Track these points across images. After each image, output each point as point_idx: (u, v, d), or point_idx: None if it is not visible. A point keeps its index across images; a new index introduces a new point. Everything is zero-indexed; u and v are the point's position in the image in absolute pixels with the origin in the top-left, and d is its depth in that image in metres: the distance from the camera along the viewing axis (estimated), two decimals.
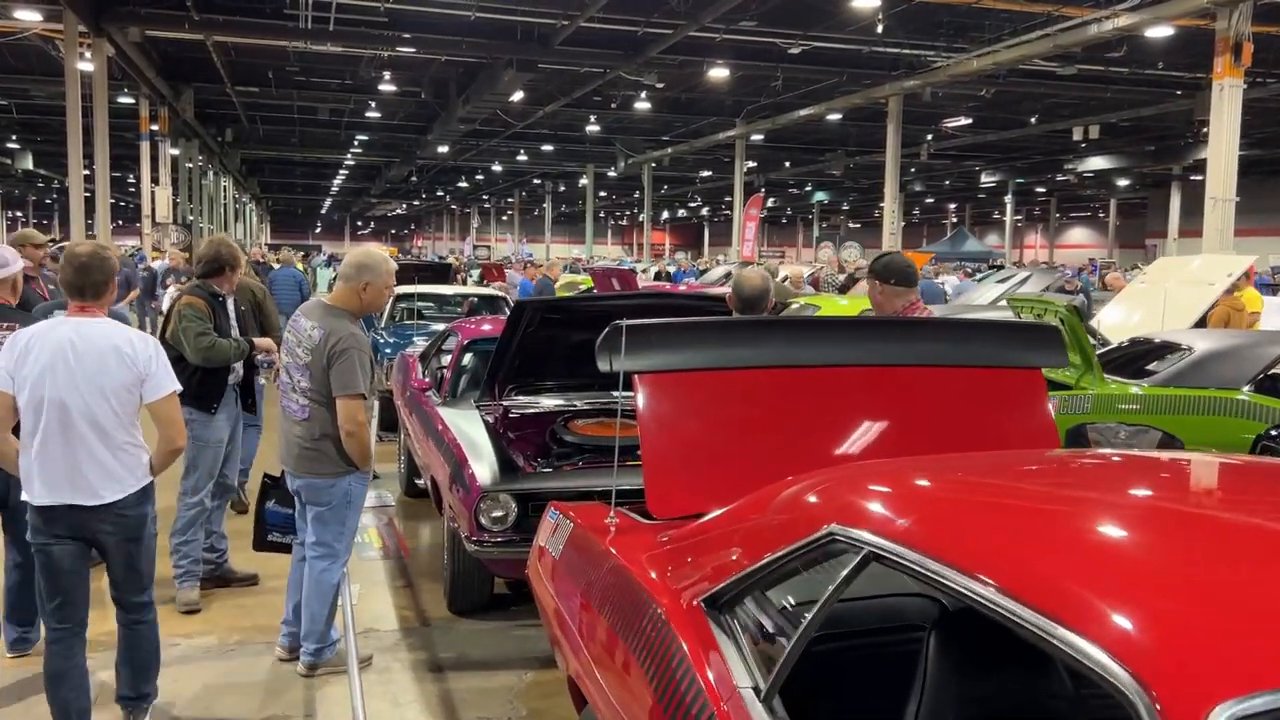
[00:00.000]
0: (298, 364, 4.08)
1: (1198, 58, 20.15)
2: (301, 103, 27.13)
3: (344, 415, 3.97)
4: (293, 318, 4.24)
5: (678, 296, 5.80)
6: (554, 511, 3.18)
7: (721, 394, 2.83)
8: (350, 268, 4.14)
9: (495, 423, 5.28)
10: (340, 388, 3.96)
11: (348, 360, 3.95)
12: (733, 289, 4.07)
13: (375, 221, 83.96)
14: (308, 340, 4.03)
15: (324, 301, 4.22)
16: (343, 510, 4.15)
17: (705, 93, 25.02)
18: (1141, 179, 42.86)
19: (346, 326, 4.03)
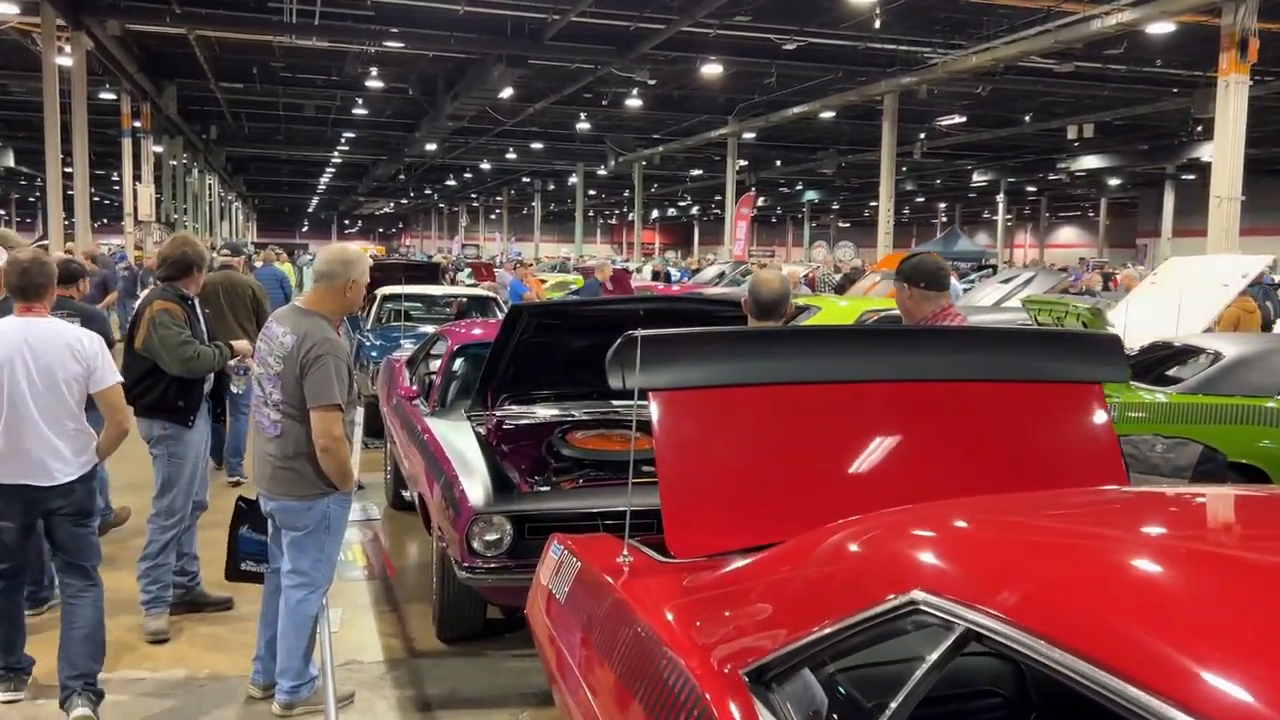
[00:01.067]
0: (269, 374, 3.71)
1: (1196, 55, 19.97)
2: (287, 99, 26.69)
3: (319, 429, 3.61)
4: (265, 324, 3.88)
5: (686, 300, 5.45)
6: (558, 546, 2.83)
7: (751, 414, 2.49)
8: (335, 264, 3.75)
9: (488, 435, 4.93)
10: (314, 398, 3.60)
11: (322, 368, 3.60)
12: (749, 292, 3.73)
13: (363, 220, 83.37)
14: (279, 347, 3.67)
15: (298, 305, 3.83)
16: (321, 535, 3.79)
17: (697, 90, 24.68)
18: (1134, 178, 42.72)
19: (322, 330, 3.68)
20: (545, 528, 4.06)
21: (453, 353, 5.73)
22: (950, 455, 2.48)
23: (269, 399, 3.73)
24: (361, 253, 3.88)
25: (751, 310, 3.74)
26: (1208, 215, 41.98)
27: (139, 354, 4.52)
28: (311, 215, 78.95)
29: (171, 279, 4.68)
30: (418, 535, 6.35)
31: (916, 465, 2.46)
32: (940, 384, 2.54)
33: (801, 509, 2.30)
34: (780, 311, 3.71)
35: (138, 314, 4.62)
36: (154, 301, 4.57)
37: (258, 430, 3.83)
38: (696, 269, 25.70)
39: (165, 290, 4.67)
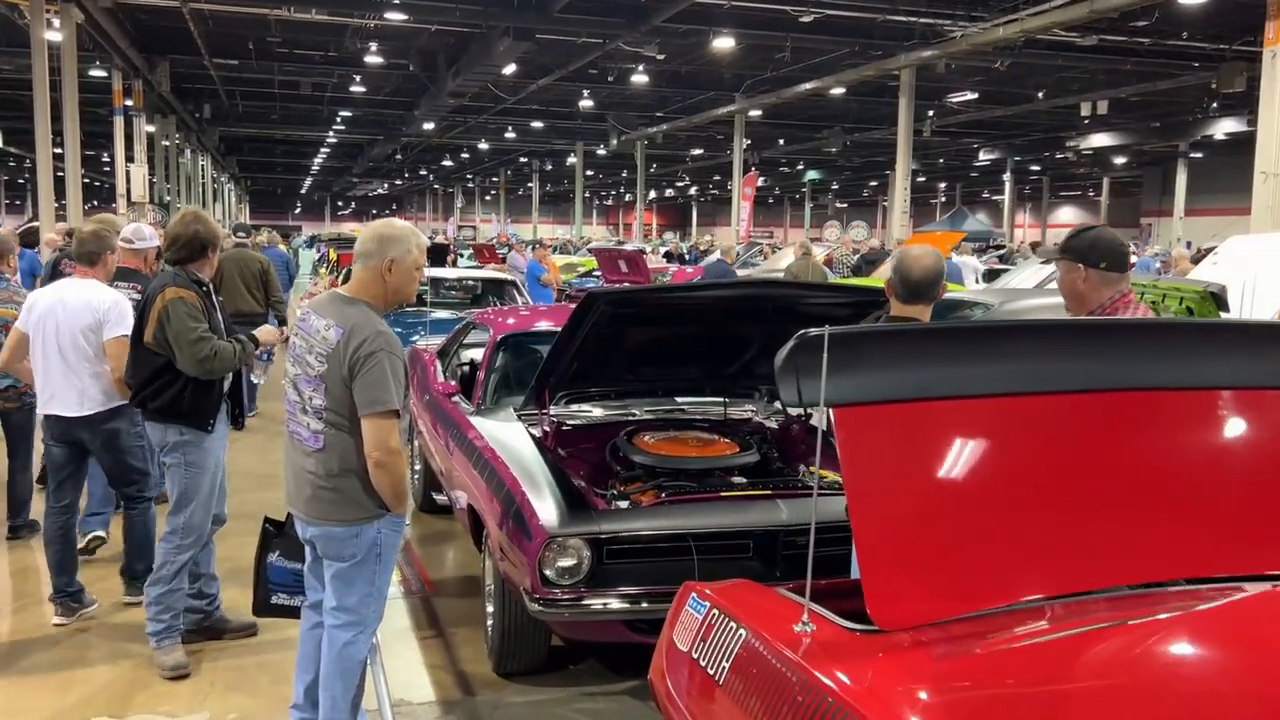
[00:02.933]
0: (309, 376, 3.12)
1: (1224, 28, 19.40)
2: (283, 77, 25.90)
3: (372, 440, 3.03)
4: (300, 317, 3.27)
5: (797, 286, 4.78)
6: (699, 602, 2.25)
7: (978, 435, 1.92)
8: (370, 242, 3.16)
9: (545, 439, 4.36)
10: (367, 404, 3.02)
11: (376, 367, 3.02)
12: (894, 271, 3.14)
13: (356, 201, 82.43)
14: (321, 343, 3.09)
15: (339, 292, 3.24)
16: (371, 566, 3.21)
17: (705, 65, 23.98)
18: (1141, 156, 42.16)
19: (372, 322, 3.09)
20: (626, 550, 3.52)
21: (496, 344, 5.15)
22: (1235, 485, 1.91)
23: (308, 405, 3.13)
24: (407, 227, 3.22)
25: (897, 292, 3.16)
26: (1219, 194, 41.72)
27: (148, 349, 3.98)
28: (304, 197, 77.99)
29: (182, 261, 4.10)
30: (453, 542, 5.80)
31: (1206, 499, 1.89)
32: (1209, 392, 1.96)
33: (1057, 566, 1.73)
34: (932, 294, 3.15)
35: (146, 302, 4.04)
36: (165, 288, 3.99)
37: (292, 442, 3.23)
38: (704, 250, 25.04)
39: (177, 275, 4.07)
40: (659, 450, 4.18)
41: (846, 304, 4.09)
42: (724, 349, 4.46)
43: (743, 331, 4.29)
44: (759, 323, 4.17)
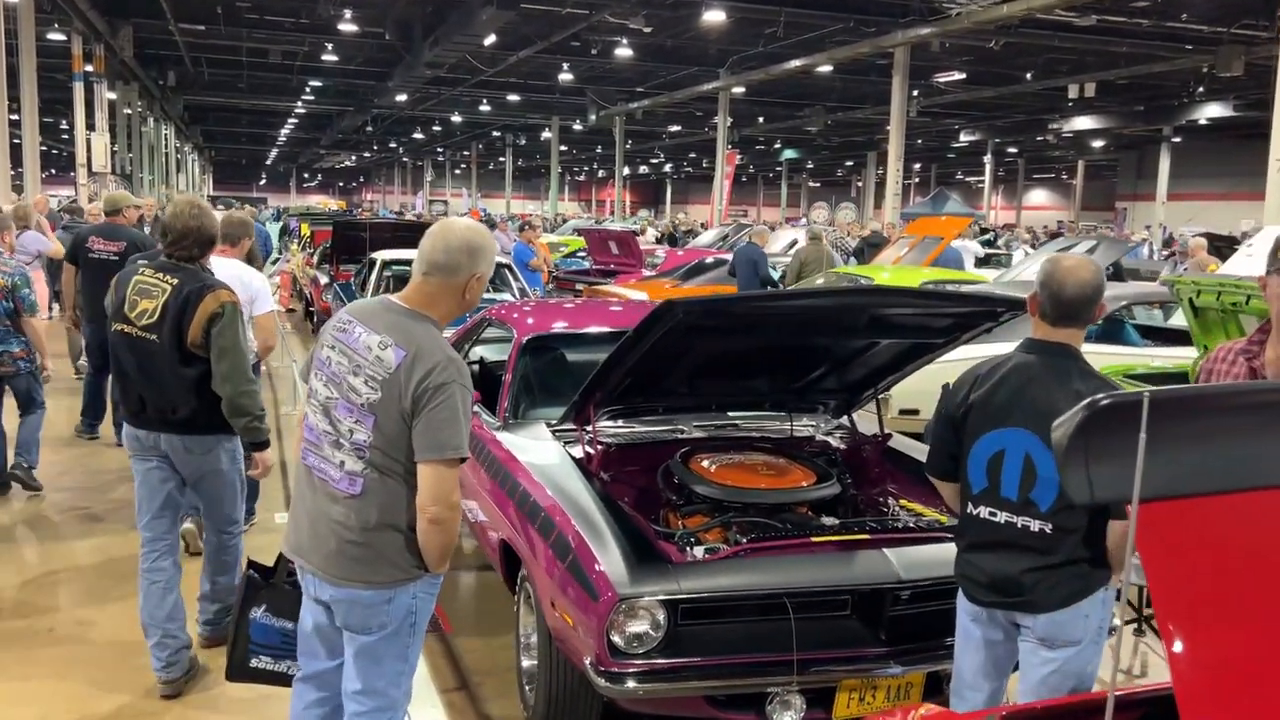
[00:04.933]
0: (351, 404, 2.51)
1: (1223, 11, 19.04)
2: (251, 44, 24.91)
3: (432, 491, 2.44)
4: (340, 327, 2.60)
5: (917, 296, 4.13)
6: None
7: None
8: (459, 253, 2.53)
9: (588, 462, 3.78)
10: (433, 448, 2.43)
11: (447, 402, 2.44)
12: (1042, 286, 2.57)
13: (322, 174, 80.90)
14: (375, 365, 2.48)
15: (398, 303, 2.58)
16: (405, 639, 2.62)
17: (692, 39, 23.32)
18: (1118, 140, 41.99)
19: (440, 346, 2.51)
20: (707, 609, 2.96)
21: (521, 348, 4.54)
22: None
23: (345, 439, 2.51)
24: (490, 236, 2.64)
25: (1044, 311, 2.60)
26: (1198, 179, 41.49)
27: (194, 352, 3.66)
28: (270, 168, 76.32)
29: (194, 259, 3.80)
30: (470, 566, 5.22)
31: None
32: None
33: None
34: (1089, 315, 2.59)
35: (188, 302, 3.65)
36: (215, 288, 3.71)
37: (312, 480, 2.59)
38: (689, 230, 24.39)
39: (211, 277, 3.81)
40: (724, 479, 3.62)
41: (950, 314, 3.51)
42: (795, 360, 3.90)
43: (821, 342, 3.73)
44: (842, 333, 3.61)
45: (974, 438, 2.64)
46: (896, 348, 3.76)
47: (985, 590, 2.62)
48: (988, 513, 2.62)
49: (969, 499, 2.68)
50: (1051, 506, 2.50)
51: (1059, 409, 2.54)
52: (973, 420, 2.64)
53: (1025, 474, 2.54)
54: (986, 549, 2.62)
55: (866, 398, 4.22)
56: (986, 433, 2.62)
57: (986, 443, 2.61)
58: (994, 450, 2.60)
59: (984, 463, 2.62)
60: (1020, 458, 2.55)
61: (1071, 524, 2.49)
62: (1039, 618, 2.54)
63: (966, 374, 2.75)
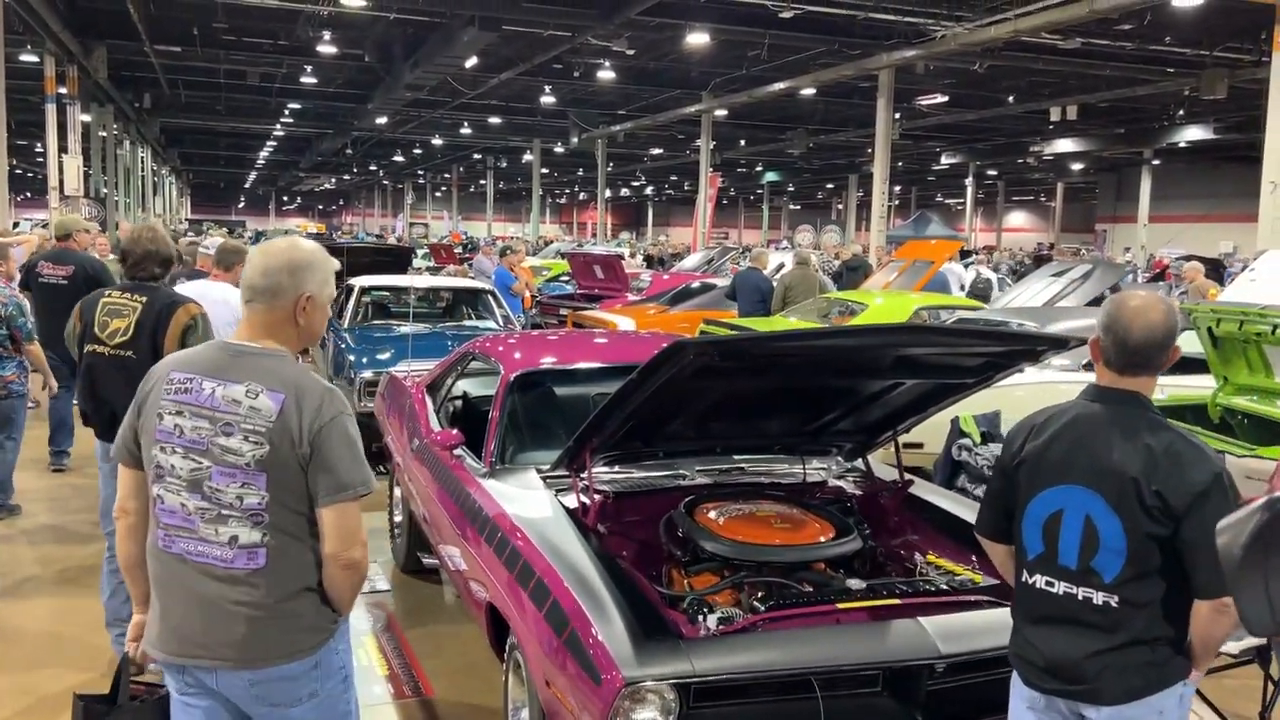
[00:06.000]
0: (233, 467, 2.22)
1: (1207, 34, 19.01)
2: (229, 65, 24.55)
3: (343, 534, 2.23)
4: (175, 383, 2.29)
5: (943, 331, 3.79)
6: None
7: None
8: (280, 274, 2.29)
9: (584, 513, 3.45)
10: (337, 489, 2.22)
11: (342, 435, 2.24)
12: (1106, 329, 2.26)
13: (302, 197, 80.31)
14: (249, 417, 2.21)
15: (238, 344, 2.32)
16: (342, 698, 2.38)
17: (675, 62, 23.17)
18: (1097, 163, 42.17)
19: (314, 378, 2.29)
20: (722, 690, 2.63)
21: (509, 386, 4.21)
22: None
23: (232, 508, 2.22)
24: (322, 250, 2.40)
25: (1108, 357, 2.29)
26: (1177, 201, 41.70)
27: None
28: (248, 191, 75.70)
29: (155, 279, 4.14)
30: (447, 619, 4.87)
31: None
32: None
33: None
34: (1160, 361, 2.28)
35: (160, 317, 3.97)
36: (186, 303, 4.08)
37: (184, 565, 2.25)
38: (676, 253, 24.13)
39: (177, 293, 4.26)
40: (734, 534, 3.29)
41: (986, 354, 3.20)
42: (809, 401, 3.60)
43: (840, 383, 3.42)
44: (865, 373, 3.30)
45: (1029, 495, 2.34)
46: (921, 388, 3.46)
47: (1043, 674, 2.30)
48: (1044, 582, 2.30)
49: (1023, 565, 2.36)
50: (1117, 576, 2.20)
51: (1126, 465, 2.21)
52: (1027, 475, 2.34)
53: (1086, 538, 2.23)
54: (1044, 624, 2.31)
55: (884, 439, 3.91)
56: (1042, 490, 2.31)
57: (1042, 502, 2.31)
58: (1051, 510, 2.29)
59: (1040, 524, 2.32)
60: (1080, 520, 2.24)
61: (1142, 597, 2.19)
62: (1103, 710, 2.22)
63: (1023, 422, 2.44)
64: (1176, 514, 2.14)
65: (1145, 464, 2.18)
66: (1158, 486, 2.15)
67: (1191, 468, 2.15)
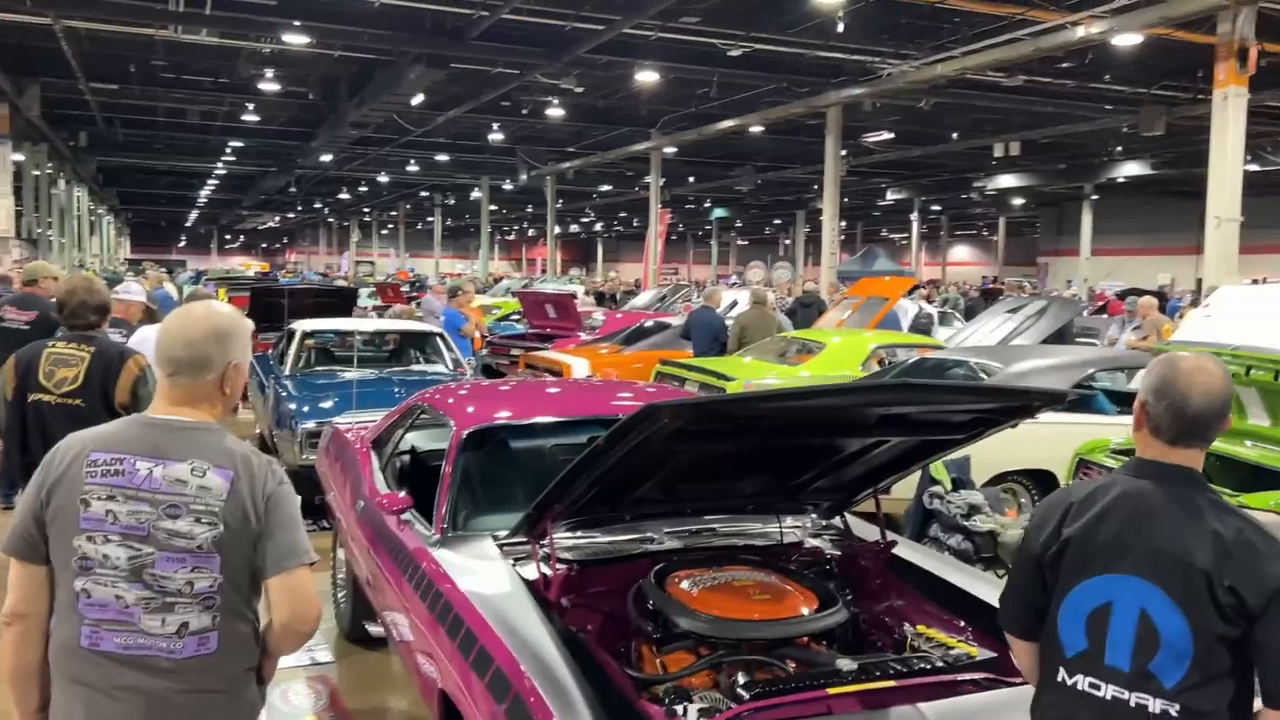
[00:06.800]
0: (181, 551, 2.09)
1: (1144, 72, 19.39)
2: (169, 103, 24.05)
3: (295, 602, 2.16)
4: (100, 464, 2.11)
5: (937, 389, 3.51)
6: None
7: None
8: (206, 344, 2.19)
9: (544, 586, 3.16)
10: (291, 554, 2.16)
11: (287, 501, 2.20)
12: (1157, 393, 2.01)
13: (245, 235, 79.17)
14: (199, 498, 2.10)
15: (166, 419, 2.18)
16: None
17: (624, 99, 23.12)
18: (1039, 197, 42.96)
19: (254, 450, 2.24)
20: None
21: (462, 444, 3.92)
22: None
23: (181, 594, 2.09)
24: (237, 314, 2.31)
25: (1158, 425, 2.03)
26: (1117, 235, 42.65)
27: (117, 412, 3.92)
28: (190, 230, 74.41)
29: (92, 326, 4.22)
30: (396, 691, 4.52)
31: None
32: None
33: None
34: (1215, 433, 2.05)
35: (110, 366, 4.10)
36: (134, 354, 4.23)
37: (119, 663, 2.08)
38: (629, 291, 23.84)
39: (123, 343, 4.63)
40: (710, 607, 3.02)
41: (978, 410, 2.97)
42: (787, 460, 3.35)
43: (821, 441, 3.19)
44: (849, 431, 3.07)
45: (1069, 584, 2.06)
46: (906, 444, 3.24)
47: None
48: (1088, 684, 2.01)
49: (1059, 663, 2.07)
50: (1180, 682, 1.92)
51: (1192, 555, 1.90)
52: (1069, 563, 2.06)
53: (1142, 636, 1.95)
54: None
55: (864, 497, 3.68)
56: (1087, 579, 2.03)
57: (1087, 592, 2.03)
58: (1097, 603, 2.02)
59: (1082, 618, 2.03)
60: (1134, 614, 1.97)
61: (1206, 705, 1.92)
62: None
63: (1054, 500, 2.17)
64: (1252, 613, 1.89)
65: (1216, 554, 1.92)
66: (1231, 581, 1.89)
67: (1269, 560, 1.91)
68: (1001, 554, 5.13)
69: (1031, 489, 6.75)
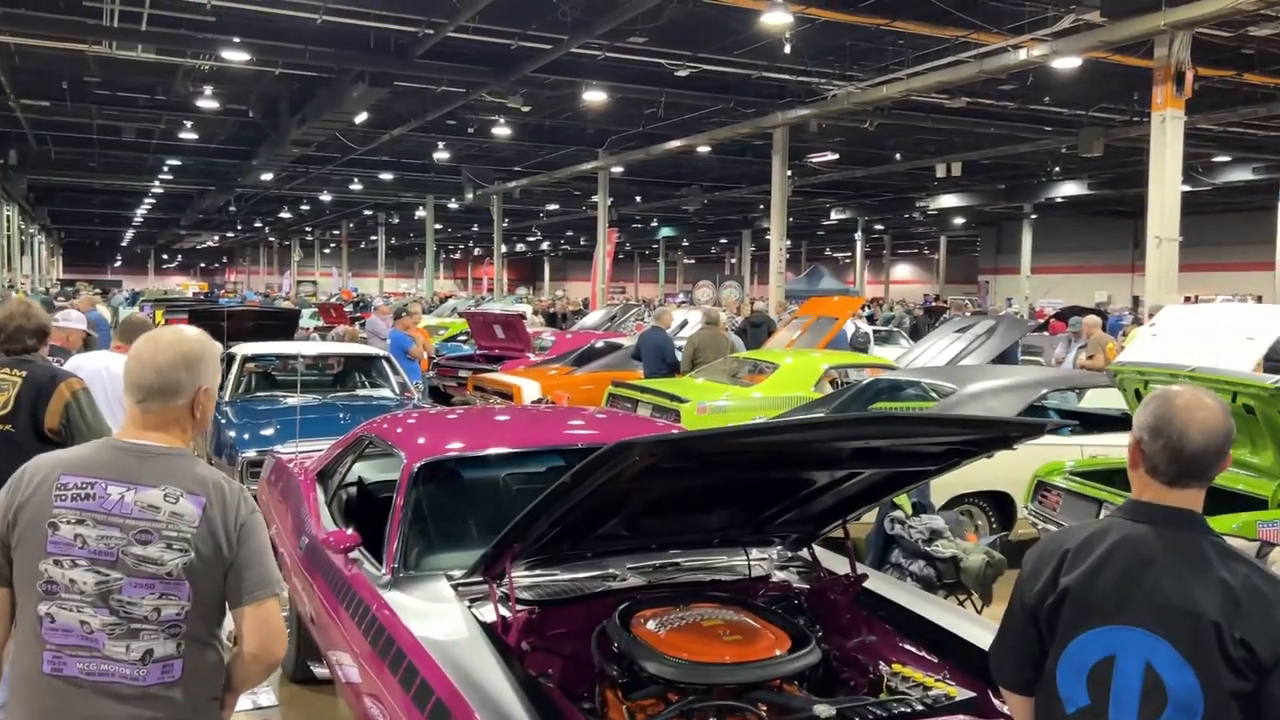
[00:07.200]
0: (150, 577, 2.08)
1: (1083, 95, 19.78)
2: (103, 120, 23.43)
3: (263, 633, 2.16)
4: (70, 488, 2.11)
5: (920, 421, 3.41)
6: None
7: None
8: (177, 370, 2.19)
9: (503, 630, 3.00)
10: (261, 584, 2.17)
11: (258, 530, 2.20)
12: (1152, 431, 1.92)
13: (183, 255, 77.62)
14: (171, 524, 2.10)
15: (139, 443, 2.18)
16: None
17: (571, 119, 23.05)
18: (979, 216, 43.70)
19: (226, 478, 2.23)
20: None
21: (413, 477, 3.74)
22: None
23: (148, 621, 2.08)
24: (205, 337, 2.30)
25: (1155, 465, 1.93)
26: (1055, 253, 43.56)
27: (53, 437, 3.78)
28: (125, 249, 72.76)
29: (34, 349, 4.12)
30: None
31: None
32: None
33: None
34: (1215, 472, 1.96)
35: (40, 391, 3.94)
36: (67, 378, 4.05)
37: (82, 690, 2.07)
38: (576, 310, 23.69)
39: (58, 366, 4.38)
40: (679, 650, 2.87)
41: (952, 443, 2.88)
42: (757, 493, 3.23)
43: (795, 474, 3.07)
44: (823, 464, 2.96)
45: (1068, 637, 1.94)
46: (878, 475, 3.13)
47: None
48: None
49: (1057, 718, 1.96)
50: None
51: (1199, 605, 1.77)
52: (1068, 614, 1.94)
53: (1148, 691, 1.85)
54: None
55: (833, 527, 3.57)
56: (1087, 631, 1.92)
57: (1087, 644, 1.92)
58: (1100, 656, 1.90)
59: (1084, 672, 1.92)
60: (1138, 669, 1.86)
61: None
62: None
63: (1047, 547, 2.05)
64: (1264, 666, 1.79)
65: (1224, 605, 1.82)
66: (1243, 634, 1.80)
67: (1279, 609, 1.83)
68: (965, 580, 5.06)
69: (988, 511, 6.72)
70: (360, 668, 3.25)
